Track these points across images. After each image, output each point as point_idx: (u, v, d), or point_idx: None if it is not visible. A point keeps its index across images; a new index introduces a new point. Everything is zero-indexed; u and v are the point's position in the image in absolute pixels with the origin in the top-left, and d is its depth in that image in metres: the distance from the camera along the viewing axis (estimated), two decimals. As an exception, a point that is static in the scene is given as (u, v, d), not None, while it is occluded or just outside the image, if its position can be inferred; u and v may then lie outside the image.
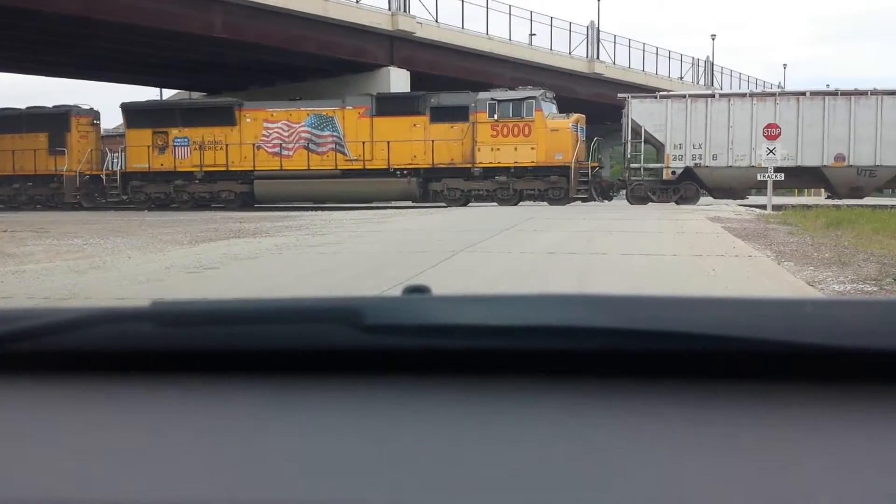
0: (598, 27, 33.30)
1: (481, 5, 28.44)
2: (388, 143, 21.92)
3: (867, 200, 20.53)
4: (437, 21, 27.01)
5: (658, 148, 21.52)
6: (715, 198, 21.77)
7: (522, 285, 5.42)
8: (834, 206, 16.96)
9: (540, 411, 0.69)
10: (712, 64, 41.22)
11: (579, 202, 21.25)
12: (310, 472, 0.60)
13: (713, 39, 46.12)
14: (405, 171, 22.13)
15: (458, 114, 21.76)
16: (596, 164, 21.95)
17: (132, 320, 0.79)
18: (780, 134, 18.22)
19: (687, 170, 21.06)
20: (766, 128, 18.40)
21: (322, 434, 0.67)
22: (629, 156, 21.74)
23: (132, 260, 7.43)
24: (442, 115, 21.87)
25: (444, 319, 0.76)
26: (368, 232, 10.84)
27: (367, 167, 22.28)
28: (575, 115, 21.85)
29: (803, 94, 20.95)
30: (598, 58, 33.10)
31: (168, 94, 33.21)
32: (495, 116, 21.43)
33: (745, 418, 0.66)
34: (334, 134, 22.73)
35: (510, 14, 29.56)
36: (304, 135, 22.88)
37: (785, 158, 19.80)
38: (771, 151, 17.50)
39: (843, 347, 0.69)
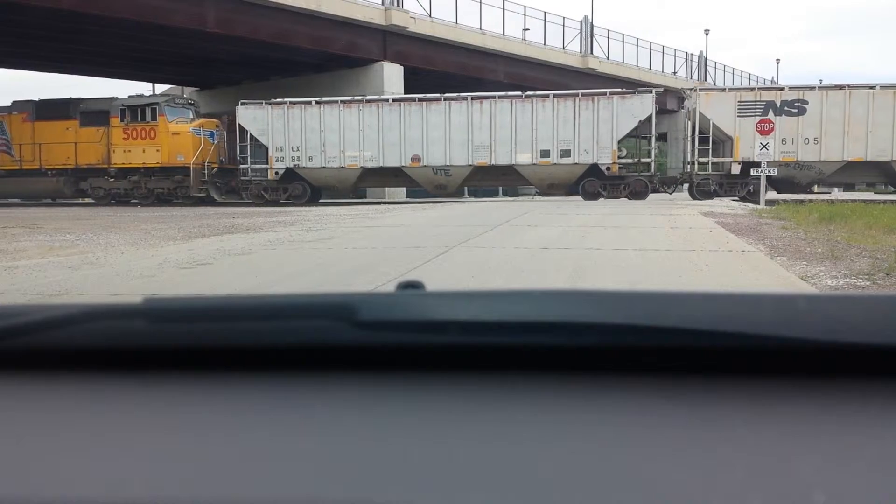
0: (592, 22, 33.35)
1: (475, 0, 28.42)
2: (40, 145, 24.14)
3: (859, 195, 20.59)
4: (430, 16, 26.97)
5: (265, 150, 22.60)
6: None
7: (517, 280, 5.42)
8: (829, 201, 17.01)
9: (535, 407, 0.69)
10: (705, 59, 41.36)
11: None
12: (303, 469, 0.60)
13: (706, 35, 46.37)
14: (54, 171, 24.23)
15: (100, 118, 23.46)
16: (216, 165, 23.19)
17: (125, 317, 0.79)
18: (772, 129, 18.27)
19: (289, 170, 22.31)
20: (759, 123, 18.46)
21: (316, 430, 0.67)
22: (239, 158, 22.99)
23: (125, 256, 7.40)
24: (89, 119, 23.60)
25: (439, 315, 0.75)
26: (363, 227, 10.83)
27: (24, 167, 24.60)
28: (200, 120, 23.32)
29: (387, 100, 22.11)
30: (591, 53, 33.14)
31: (161, 88, 33.07)
32: (125, 121, 23.08)
33: (740, 413, 0.67)
34: (3, 137, 24.95)
35: (504, 9, 29.58)
36: None
37: (369, 160, 21.71)
38: (764, 147, 17.55)
39: (837, 342, 0.69)
